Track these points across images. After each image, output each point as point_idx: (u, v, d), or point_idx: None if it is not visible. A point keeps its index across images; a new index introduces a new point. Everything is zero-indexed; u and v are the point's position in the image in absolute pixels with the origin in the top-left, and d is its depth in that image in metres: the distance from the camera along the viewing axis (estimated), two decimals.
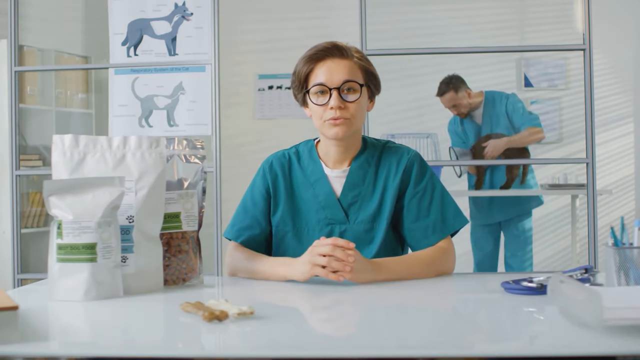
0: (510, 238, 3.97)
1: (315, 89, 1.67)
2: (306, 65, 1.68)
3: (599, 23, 3.55)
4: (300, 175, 1.75)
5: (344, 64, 1.66)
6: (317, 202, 1.72)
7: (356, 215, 1.70)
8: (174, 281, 1.52)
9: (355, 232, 1.69)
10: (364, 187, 1.72)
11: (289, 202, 1.73)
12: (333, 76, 1.65)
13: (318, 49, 1.67)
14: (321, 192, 1.72)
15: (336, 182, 1.73)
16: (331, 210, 1.70)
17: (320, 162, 1.75)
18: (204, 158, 1.59)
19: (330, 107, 1.64)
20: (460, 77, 3.95)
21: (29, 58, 4.09)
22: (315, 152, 1.77)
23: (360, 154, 1.74)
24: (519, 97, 4.01)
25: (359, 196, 1.71)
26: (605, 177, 5.15)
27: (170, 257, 1.52)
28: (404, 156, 1.73)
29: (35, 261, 4.01)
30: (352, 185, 1.72)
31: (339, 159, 1.74)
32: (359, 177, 1.72)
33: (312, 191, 1.73)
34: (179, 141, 1.56)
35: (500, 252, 4.08)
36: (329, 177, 1.73)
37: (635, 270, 1.28)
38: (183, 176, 1.55)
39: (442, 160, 4.01)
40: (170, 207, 1.52)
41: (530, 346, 1.02)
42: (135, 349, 1.02)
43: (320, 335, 1.09)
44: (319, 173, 1.74)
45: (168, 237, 1.52)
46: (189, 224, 1.54)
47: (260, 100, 5.01)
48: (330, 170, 1.74)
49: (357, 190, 1.72)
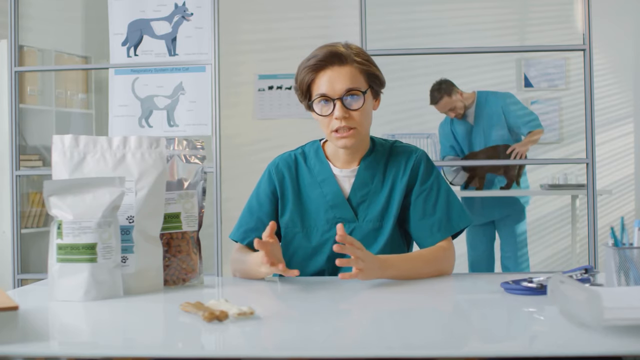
0: (505, 239, 3.98)
1: (318, 100, 1.66)
2: (307, 75, 1.67)
3: (599, 23, 3.55)
4: (308, 175, 1.76)
5: (345, 71, 1.64)
6: (325, 201, 1.72)
7: (365, 213, 1.71)
8: (174, 281, 1.52)
9: (364, 230, 1.70)
10: (372, 186, 1.72)
11: (297, 202, 1.74)
12: (335, 86, 1.64)
13: (318, 59, 1.65)
14: (329, 191, 1.73)
15: (345, 181, 1.74)
16: (340, 209, 1.71)
17: (328, 161, 1.76)
18: (204, 158, 1.59)
19: (335, 118, 1.64)
20: (449, 80, 3.97)
21: (29, 58, 4.09)
22: (322, 152, 1.77)
23: (369, 154, 1.75)
24: (515, 97, 4.02)
25: (367, 195, 1.72)
26: (605, 177, 5.15)
27: (170, 258, 1.52)
28: (412, 155, 1.74)
29: (35, 261, 4.01)
30: (361, 184, 1.72)
31: (347, 159, 1.75)
32: (368, 176, 1.73)
33: (320, 190, 1.73)
34: (179, 141, 1.56)
35: (496, 254, 4.09)
36: (337, 177, 1.74)
37: (635, 271, 1.27)
38: (183, 176, 1.55)
39: (442, 161, 4.01)
40: (170, 208, 1.52)
41: (530, 346, 1.02)
42: (135, 349, 1.02)
43: (320, 335, 1.09)
44: (327, 172, 1.75)
45: (168, 237, 1.52)
46: (189, 224, 1.54)
47: (260, 100, 5.01)
48: (339, 170, 1.75)
49: (366, 189, 1.72)
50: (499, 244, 4.05)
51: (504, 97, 3.97)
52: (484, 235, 4.03)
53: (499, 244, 4.03)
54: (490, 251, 4.06)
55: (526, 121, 3.87)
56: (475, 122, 3.95)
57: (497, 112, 3.91)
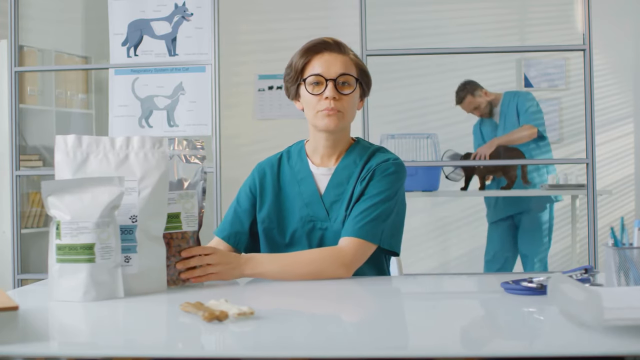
0: (524, 230, 3.98)
1: (311, 79, 1.69)
2: (303, 57, 1.72)
3: (599, 23, 3.54)
4: (289, 173, 1.78)
5: (341, 58, 1.70)
6: (302, 199, 1.74)
7: (337, 213, 1.71)
8: (174, 281, 1.52)
9: (336, 231, 1.70)
10: (347, 186, 1.73)
11: (276, 199, 1.76)
12: (330, 68, 1.68)
13: (316, 42, 1.72)
14: (306, 189, 1.75)
15: (322, 179, 1.75)
16: (313, 207, 1.72)
17: (308, 160, 1.77)
18: (204, 158, 1.60)
19: (325, 97, 1.67)
20: (473, 80, 4.03)
21: (29, 58, 4.08)
22: (304, 151, 1.79)
23: (349, 153, 1.76)
24: (532, 95, 4.02)
25: (341, 195, 1.72)
26: (605, 178, 5.14)
27: (170, 258, 1.52)
28: (382, 162, 1.71)
29: (35, 261, 4.01)
30: (336, 184, 1.73)
31: (326, 153, 1.75)
32: (344, 176, 1.73)
33: (298, 189, 1.75)
34: (179, 141, 1.56)
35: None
36: (314, 175, 1.76)
37: (635, 271, 1.27)
38: (183, 176, 1.55)
39: (442, 161, 4.01)
40: (171, 208, 1.52)
41: (530, 346, 1.02)
42: (135, 349, 1.02)
43: (320, 335, 1.09)
44: (306, 171, 1.77)
45: (168, 237, 1.52)
46: (189, 224, 1.54)
47: (260, 101, 5.00)
48: (317, 168, 1.76)
49: (341, 189, 1.73)
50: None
51: (519, 96, 3.99)
52: (504, 231, 4.04)
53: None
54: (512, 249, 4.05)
55: (528, 119, 3.87)
56: (500, 121, 3.98)
57: (513, 112, 3.94)
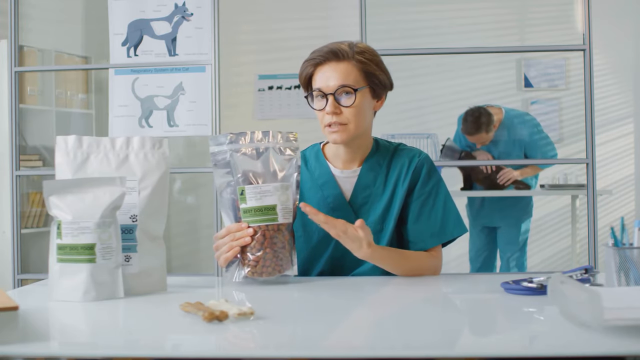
0: (504, 239, 3.98)
1: (315, 94, 1.69)
2: (307, 69, 1.70)
3: (599, 23, 3.54)
4: (308, 178, 1.76)
5: (341, 68, 1.66)
6: (327, 204, 1.72)
7: (366, 216, 1.70)
8: (269, 273, 1.52)
9: None
10: (374, 188, 1.72)
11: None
12: (329, 81, 1.66)
13: (316, 54, 1.69)
14: (330, 194, 1.73)
15: (346, 182, 1.74)
16: (341, 212, 1.70)
17: (328, 163, 1.76)
18: (297, 149, 1.60)
19: (326, 113, 1.66)
20: (488, 111, 3.81)
21: (29, 58, 4.09)
22: (322, 155, 1.78)
23: (372, 155, 1.75)
24: (537, 121, 3.93)
25: (369, 197, 1.72)
26: (605, 178, 5.14)
27: (265, 249, 1.52)
28: (415, 158, 1.74)
29: (35, 261, 4.01)
30: (364, 187, 1.72)
31: (348, 159, 1.74)
32: (370, 178, 1.73)
33: (321, 193, 1.73)
34: (273, 134, 1.57)
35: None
36: (338, 178, 1.74)
37: (635, 271, 1.28)
38: (278, 168, 1.56)
39: (442, 161, 4.01)
40: (266, 200, 1.51)
41: (530, 346, 1.02)
42: (135, 349, 1.02)
43: (320, 335, 1.09)
44: (327, 175, 1.75)
45: (264, 229, 1.51)
46: (285, 217, 1.54)
47: (260, 101, 5.00)
48: (340, 171, 1.74)
49: (368, 192, 1.72)
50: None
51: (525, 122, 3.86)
52: (486, 237, 4.04)
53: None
54: (490, 252, 4.06)
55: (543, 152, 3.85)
56: (493, 141, 3.89)
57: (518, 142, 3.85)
